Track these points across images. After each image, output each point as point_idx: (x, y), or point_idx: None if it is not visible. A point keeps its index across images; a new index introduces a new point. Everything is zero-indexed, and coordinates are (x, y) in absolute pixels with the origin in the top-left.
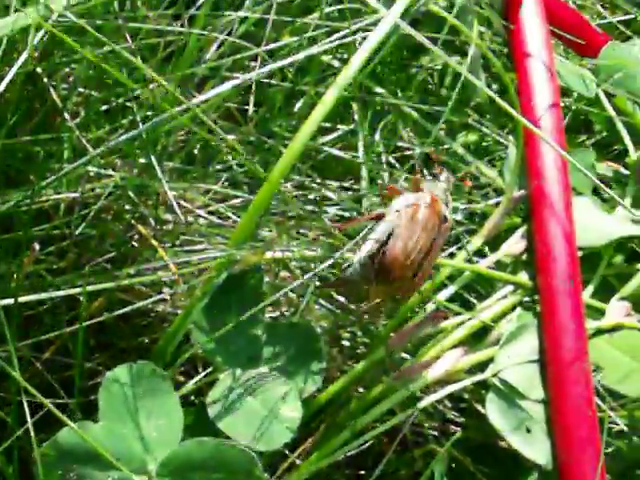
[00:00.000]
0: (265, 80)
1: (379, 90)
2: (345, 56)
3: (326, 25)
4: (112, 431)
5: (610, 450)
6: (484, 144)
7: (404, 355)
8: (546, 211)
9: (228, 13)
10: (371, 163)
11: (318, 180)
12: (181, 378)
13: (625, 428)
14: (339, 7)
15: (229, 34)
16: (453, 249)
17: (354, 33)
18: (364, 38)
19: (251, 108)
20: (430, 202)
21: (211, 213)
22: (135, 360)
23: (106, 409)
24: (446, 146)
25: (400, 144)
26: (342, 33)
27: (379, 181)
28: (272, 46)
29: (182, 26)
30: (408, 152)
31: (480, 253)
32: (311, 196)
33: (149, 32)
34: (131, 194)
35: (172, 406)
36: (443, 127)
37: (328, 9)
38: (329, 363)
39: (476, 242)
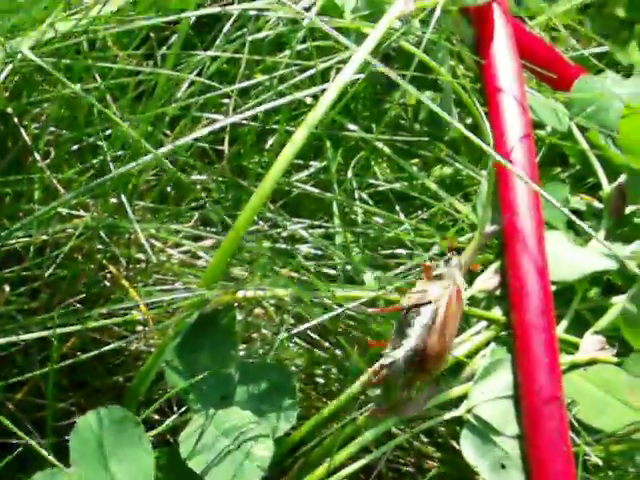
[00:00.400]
0: (240, 121)
1: (352, 127)
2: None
3: (295, 64)
4: (83, 477)
5: None
6: (459, 178)
7: (378, 392)
8: (519, 246)
9: (198, 52)
10: (344, 200)
11: (290, 218)
12: (156, 416)
13: (600, 462)
14: (311, 44)
15: (200, 73)
16: None
17: (325, 71)
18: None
19: (226, 147)
20: (456, 292)
21: (184, 252)
22: (109, 399)
23: (77, 455)
24: (420, 181)
25: (373, 181)
26: (311, 72)
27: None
28: (244, 84)
29: (154, 65)
30: (381, 188)
31: None
32: (284, 234)
33: (120, 71)
34: (102, 234)
35: (143, 451)
36: (417, 162)
37: (299, 47)
38: (303, 401)
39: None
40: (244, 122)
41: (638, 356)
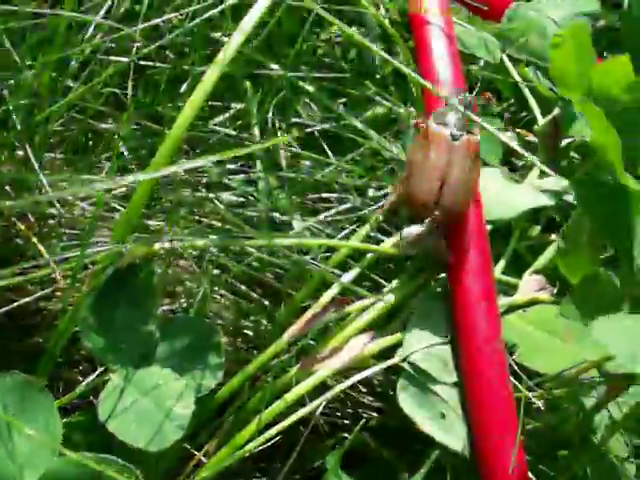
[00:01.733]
0: (148, 63)
1: (274, 66)
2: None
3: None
4: None
5: (529, 431)
6: (390, 118)
7: (311, 342)
8: None
9: None
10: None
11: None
12: (79, 377)
13: (542, 407)
14: None
15: (108, 13)
16: (354, 227)
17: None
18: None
19: (130, 91)
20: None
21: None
22: (27, 362)
23: None
24: (347, 121)
25: (297, 120)
26: (221, 7)
27: None
28: (151, 22)
29: (55, 7)
30: (308, 130)
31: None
32: (204, 181)
33: (20, 16)
34: (9, 189)
35: (49, 418)
36: (345, 102)
37: None
38: (233, 354)
39: (378, 219)
40: (151, 64)
41: (572, 297)
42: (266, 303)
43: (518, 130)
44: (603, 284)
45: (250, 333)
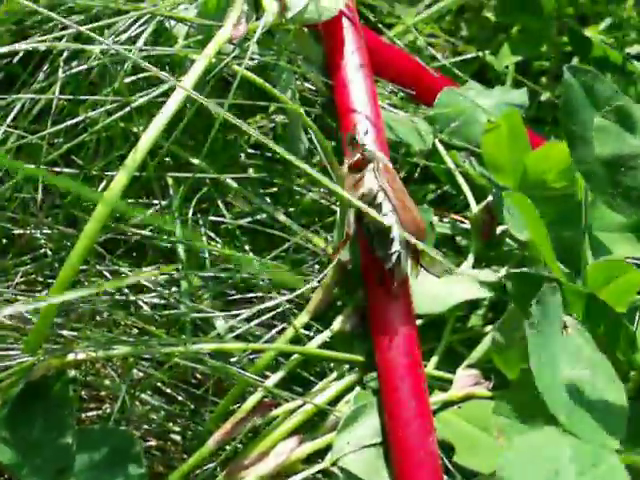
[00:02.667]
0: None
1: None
2: None
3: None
4: None
5: None
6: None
7: (239, 445)
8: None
9: (6, 97)
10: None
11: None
12: None
13: None
14: (139, 76)
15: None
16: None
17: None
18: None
19: (40, 195)
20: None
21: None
22: None
23: None
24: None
25: (215, 218)
26: (127, 109)
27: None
28: (59, 127)
29: None
30: (231, 226)
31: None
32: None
33: None
34: None
35: None
36: (273, 191)
37: (129, 79)
38: (162, 458)
39: (302, 319)
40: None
41: (507, 393)
42: (192, 406)
43: (453, 216)
44: None
45: (178, 437)
